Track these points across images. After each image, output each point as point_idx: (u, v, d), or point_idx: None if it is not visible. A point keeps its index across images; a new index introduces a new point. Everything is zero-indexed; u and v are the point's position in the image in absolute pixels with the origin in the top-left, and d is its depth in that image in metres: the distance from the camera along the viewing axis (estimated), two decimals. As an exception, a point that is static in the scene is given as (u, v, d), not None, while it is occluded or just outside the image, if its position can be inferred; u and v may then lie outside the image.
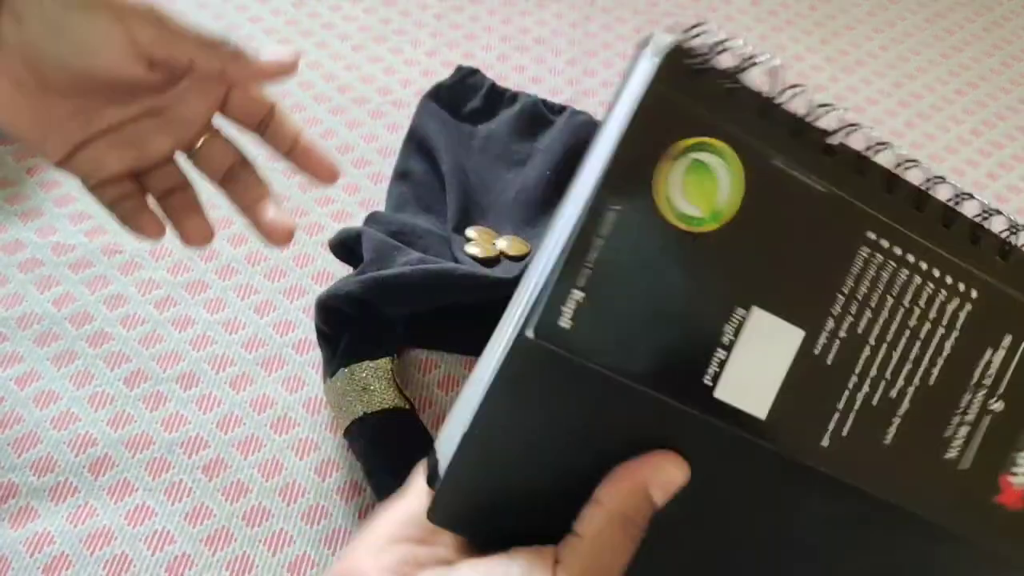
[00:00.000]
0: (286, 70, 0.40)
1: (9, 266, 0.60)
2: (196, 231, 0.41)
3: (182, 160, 0.42)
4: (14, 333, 0.56)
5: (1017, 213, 0.72)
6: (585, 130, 0.67)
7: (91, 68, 0.37)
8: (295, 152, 0.43)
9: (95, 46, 0.37)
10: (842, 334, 0.26)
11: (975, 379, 0.28)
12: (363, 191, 0.67)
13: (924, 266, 0.27)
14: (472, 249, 0.59)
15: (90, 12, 0.36)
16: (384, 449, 0.50)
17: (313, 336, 0.56)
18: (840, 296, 0.26)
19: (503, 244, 0.60)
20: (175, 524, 0.49)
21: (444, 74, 0.73)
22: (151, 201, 0.41)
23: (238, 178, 0.42)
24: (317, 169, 0.43)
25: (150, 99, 0.39)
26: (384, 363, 0.53)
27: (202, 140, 0.41)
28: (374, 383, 0.52)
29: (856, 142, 0.26)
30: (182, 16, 0.38)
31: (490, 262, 0.59)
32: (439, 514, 0.27)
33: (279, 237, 0.41)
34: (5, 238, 0.61)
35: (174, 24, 0.38)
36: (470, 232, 0.61)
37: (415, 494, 0.29)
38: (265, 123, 0.43)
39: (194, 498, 0.50)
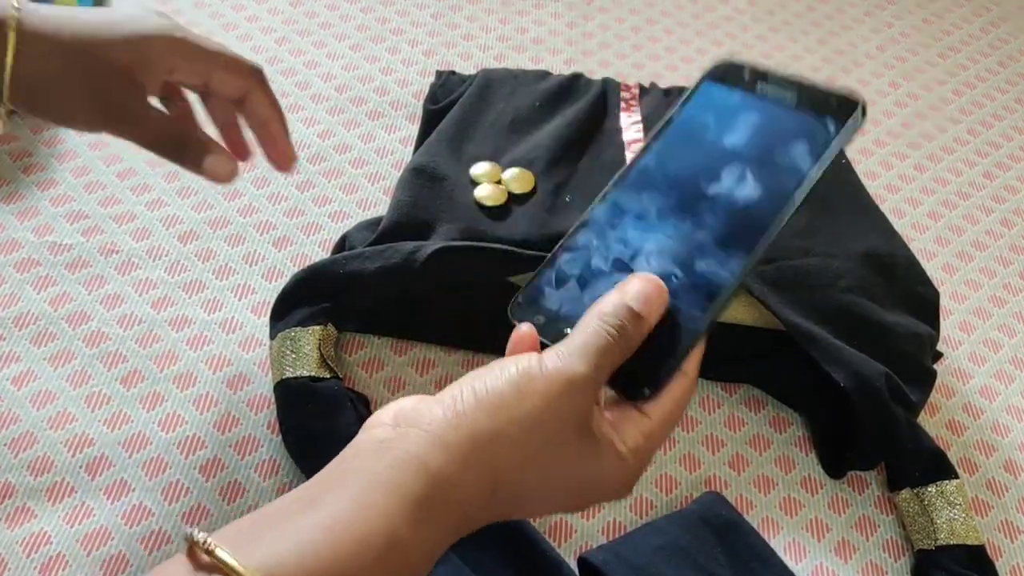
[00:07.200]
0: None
1: (6, 265, 0.59)
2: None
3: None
4: (11, 333, 0.56)
5: (1014, 212, 0.72)
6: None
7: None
8: (263, 134, 0.48)
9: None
10: None
11: None
12: (361, 191, 0.67)
13: None
14: (480, 193, 0.61)
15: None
16: (295, 411, 0.51)
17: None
18: None
19: (510, 178, 0.62)
20: (172, 524, 0.49)
21: (442, 74, 0.73)
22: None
23: (252, 98, 0.47)
24: (277, 156, 0.49)
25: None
26: (316, 331, 0.53)
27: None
28: (301, 349, 0.53)
29: None
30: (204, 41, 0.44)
31: (498, 211, 0.60)
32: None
33: (286, 164, 0.49)
34: (1, 237, 0.61)
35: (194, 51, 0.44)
36: (476, 169, 0.62)
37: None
38: (242, 100, 0.47)
39: (191, 498, 0.50)
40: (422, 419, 0.31)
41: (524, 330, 0.35)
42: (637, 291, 0.33)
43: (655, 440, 0.33)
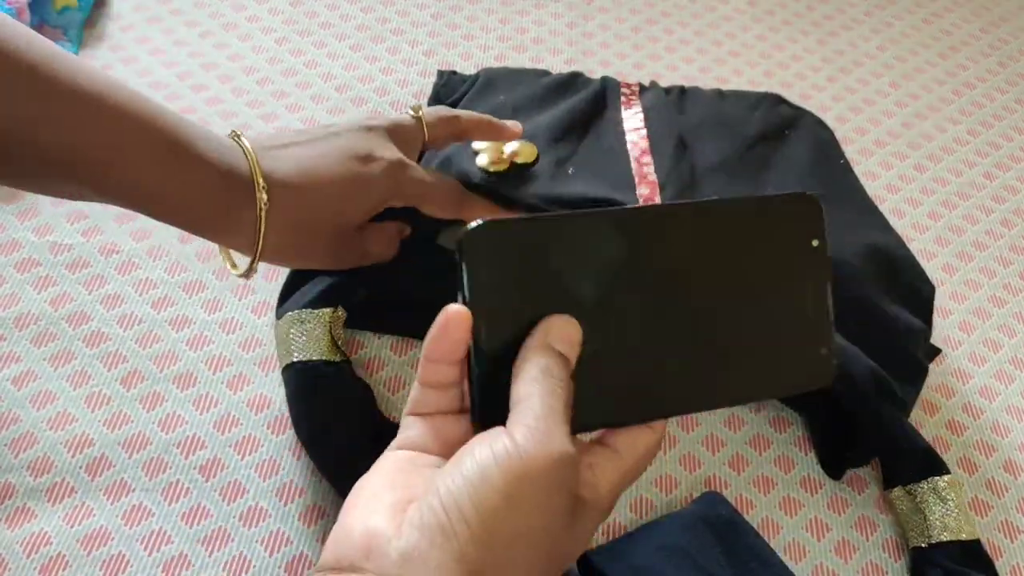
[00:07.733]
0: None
1: (6, 266, 0.59)
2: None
3: None
4: (11, 333, 0.56)
5: (1014, 212, 0.72)
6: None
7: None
8: None
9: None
10: None
11: None
12: (361, 191, 0.67)
13: None
14: (482, 160, 0.59)
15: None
16: (305, 396, 0.51)
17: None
18: None
19: (512, 149, 0.59)
20: (172, 524, 0.49)
21: (442, 74, 0.73)
22: None
23: None
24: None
25: None
26: (326, 313, 0.53)
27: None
28: (312, 331, 0.53)
29: None
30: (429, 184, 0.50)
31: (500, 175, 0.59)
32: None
33: None
34: (2, 237, 0.61)
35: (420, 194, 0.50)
36: (478, 144, 0.60)
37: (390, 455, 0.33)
38: None
39: (191, 498, 0.50)
40: (411, 566, 0.27)
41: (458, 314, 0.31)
42: (560, 334, 0.32)
43: (628, 479, 0.32)
